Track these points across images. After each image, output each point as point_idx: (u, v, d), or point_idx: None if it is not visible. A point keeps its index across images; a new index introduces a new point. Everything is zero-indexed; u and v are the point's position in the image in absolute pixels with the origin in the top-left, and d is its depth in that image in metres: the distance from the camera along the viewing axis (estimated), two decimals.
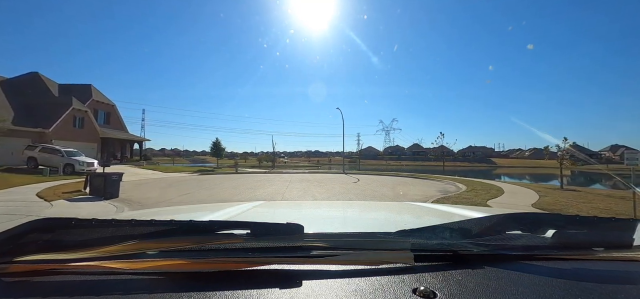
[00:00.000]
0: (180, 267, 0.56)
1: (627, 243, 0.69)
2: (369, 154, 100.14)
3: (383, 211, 1.57)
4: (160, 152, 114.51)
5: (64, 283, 0.53)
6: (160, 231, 0.61)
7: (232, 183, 13.61)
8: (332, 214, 1.47)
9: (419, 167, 59.11)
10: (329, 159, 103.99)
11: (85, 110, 24.51)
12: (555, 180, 25.56)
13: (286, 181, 14.72)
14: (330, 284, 0.54)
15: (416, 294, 0.51)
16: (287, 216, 1.41)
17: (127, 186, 10.70)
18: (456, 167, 62.74)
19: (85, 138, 24.11)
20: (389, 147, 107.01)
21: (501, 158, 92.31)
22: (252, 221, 0.65)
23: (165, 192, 10.47)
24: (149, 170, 21.74)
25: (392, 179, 17.25)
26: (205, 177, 17.22)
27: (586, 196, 9.47)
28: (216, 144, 28.06)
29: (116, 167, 17.20)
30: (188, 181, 14.51)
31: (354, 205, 2.09)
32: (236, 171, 23.55)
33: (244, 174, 21.47)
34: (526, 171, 52.27)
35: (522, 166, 70.51)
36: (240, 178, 16.57)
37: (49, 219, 0.59)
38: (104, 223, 0.60)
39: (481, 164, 75.10)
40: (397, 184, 13.99)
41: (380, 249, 0.66)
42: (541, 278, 0.58)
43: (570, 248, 0.69)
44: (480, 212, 1.31)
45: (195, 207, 1.91)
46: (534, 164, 75.81)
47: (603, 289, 0.54)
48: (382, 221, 1.29)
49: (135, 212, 1.47)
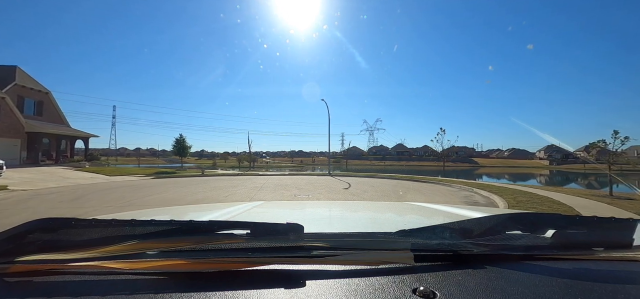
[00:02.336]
0: (180, 267, 0.56)
1: (627, 243, 0.69)
2: (354, 154, 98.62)
3: (383, 211, 1.54)
4: (135, 152, 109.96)
5: (65, 283, 0.54)
6: (160, 231, 0.61)
7: (173, 193, 10.04)
8: (332, 214, 1.44)
9: (404, 168, 58.06)
10: (312, 159, 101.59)
11: (2, 97, 19.44)
12: (534, 180, 25.12)
13: (256, 189, 11.35)
14: (331, 284, 0.54)
15: (416, 294, 0.51)
16: (287, 216, 1.39)
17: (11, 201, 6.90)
18: (439, 167, 62.16)
19: (1, 132, 19.19)
20: (374, 147, 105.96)
21: (482, 158, 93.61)
22: (252, 221, 0.64)
23: (53, 210, 6.80)
24: (88, 173, 17.51)
25: (389, 183, 14.31)
26: (150, 184, 13.40)
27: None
28: (179, 142, 23.75)
29: (43, 169, 12.92)
30: (115, 190, 10.73)
31: (354, 205, 1.80)
32: (202, 173, 19.73)
33: (211, 177, 17.83)
34: (513, 170, 52.12)
35: (505, 166, 71.23)
36: (195, 185, 12.95)
37: (49, 219, 0.58)
38: (104, 223, 0.60)
39: (464, 164, 75.18)
40: (403, 191, 11.05)
41: (381, 249, 0.65)
42: (541, 278, 0.58)
43: (570, 248, 0.69)
44: (480, 212, 1.29)
45: (195, 208, 1.84)
46: (515, 163, 77.07)
47: (603, 289, 0.54)
48: (382, 221, 1.27)
49: (135, 212, 1.23)
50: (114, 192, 9.76)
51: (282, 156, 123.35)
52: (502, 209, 5.08)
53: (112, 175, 16.94)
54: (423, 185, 13.24)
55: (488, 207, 6.29)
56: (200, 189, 11.11)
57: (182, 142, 23.67)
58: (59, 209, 6.85)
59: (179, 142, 23.76)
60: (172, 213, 1.37)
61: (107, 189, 10.71)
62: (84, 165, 21.71)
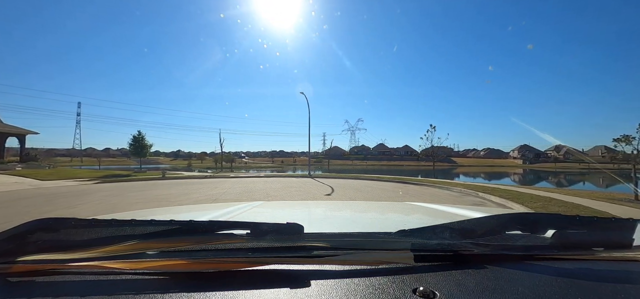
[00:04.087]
0: (181, 267, 0.56)
1: (627, 243, 0.68)
2: (335, 154, 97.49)
3: (383, 211, 1.53)
4: (104, 153, 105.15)
5: (65, 283, 0.54)
6: (160, 231, 0.61)
7: (93, 205, 7.69)
8: (332, 214, 1.41)
9: (385, 168, 57.49)
10: (293, 159, 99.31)
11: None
12: (519, 178, 25.37)
13: (210, 198, 9.22)
14: (331, 284, 0.54)
15: (416, 294, 0.51)
16: (287, 216, 1.37)
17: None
18: (419, 167, 62.36)
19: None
20: (355, 147, 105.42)
21: (460, 158, 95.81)
22: (252, 221, 0.64)
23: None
24: (14, 177, 14.40)
25: (379, 187, 12.65)
26: (81, 191, 10.81)
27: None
28: (137, 140, 20.28)
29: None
30: (22, 201, 8.16)
31: (354, 205, 1.77)
32: (163, 175, 17.06)
33: (171, 180, 15.31)
34: (491, 169, 52.86)
35: (484, 165, 72.94)
36: (137, 191, 10.56)
37: (50, 219, 0.58)
38: (104, 223, 0.60)
39: (444, 164, 76.13)
40: (398, 197, 9.38)
41: (381, 249, 0.65)
42: (541, 278, 0.58)
43: (570, 248, 0.68)
44: (480, 212, 1.29)
45: (195, 207, 1.79)
46: (492, 163, 79.34)
47: (603, 289, 0.54)
48: (382, 221, 1.26)
49: (136, 212, 1.21)
50: (17, 206, 7.21)
51: (262, 156, 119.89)
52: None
53: (47, 179, 13.93)
54: (416, 188, 11.69)
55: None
56: (133, 198, 8.77)
57: (140, 141, 20.19)
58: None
59: (136, 140, 20.26)
60: (172, 213, 1.33)
61: (16, 200, 8.09)
62: (14, 167, 18.15)
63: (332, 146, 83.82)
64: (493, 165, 71.23)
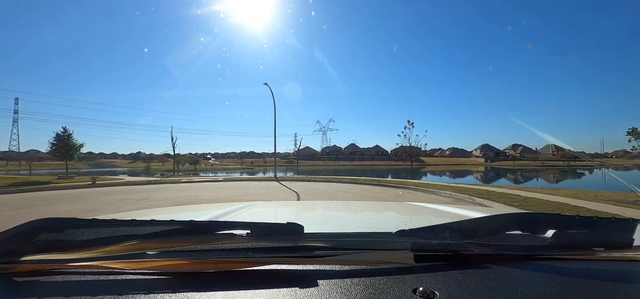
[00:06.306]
0: (181, 267, 0.56)
1: (627, 243, 0.68)
2: (307, 154, 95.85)
3: (383, 211, 1.52)
4: (49, 155, 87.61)
5: (67, 283, 0.54)
6: (160, 231, 0.61)
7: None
8: (332, 214, 1.38)
9: (356, 168, 57.02)
10: (264, 160, 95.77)
11: None
12: (471, 177, 26.29)
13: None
14: (331, 284, 0.54)
15: (416, 294, 0.51)
16: (287, 216, 1.37)
17: None
18: (390, 166, 63.04)
19: None
20: (327, 148, 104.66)
21: (427, 157, 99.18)
22: (252, 221, 0.64)
23: None
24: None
25: (355, 192, 11.09)
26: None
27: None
28: (62, 139, 15.89)
29: None
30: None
31: (354, 205, 1.77)
32: (93, 182, 13.95)
33: (102, 188, 12.45)
34: (456, 168, 54.68)
35: (449, 164, 75.79)
36: (47, 205, 7.92)
37: (50, 219, 0.59)
38: (105, 223, 0.61)
39: (413, 163, 77.84)
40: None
41: (381, 249, 0.65)
42: (541, 278, 0.58)
43: (570, 248, 0.69)
44: (480, 212, 1.28)
45: (195, 207, 1.75)
46: (457, 161, 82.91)
47: (603, 289, 0.54)
48: (382, 221, 1.24)
49: (136, 212, 1.20)
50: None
51: (232, 157, 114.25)
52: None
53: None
54: (396, 191, 10.30)
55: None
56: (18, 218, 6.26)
57: (66, 140, 15.83)
58: None
59: (61, 140, 15.75)
60: (173, 213, 1.33)
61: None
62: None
63: (301, 146, 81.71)
64: (458, 163, 74.38)
